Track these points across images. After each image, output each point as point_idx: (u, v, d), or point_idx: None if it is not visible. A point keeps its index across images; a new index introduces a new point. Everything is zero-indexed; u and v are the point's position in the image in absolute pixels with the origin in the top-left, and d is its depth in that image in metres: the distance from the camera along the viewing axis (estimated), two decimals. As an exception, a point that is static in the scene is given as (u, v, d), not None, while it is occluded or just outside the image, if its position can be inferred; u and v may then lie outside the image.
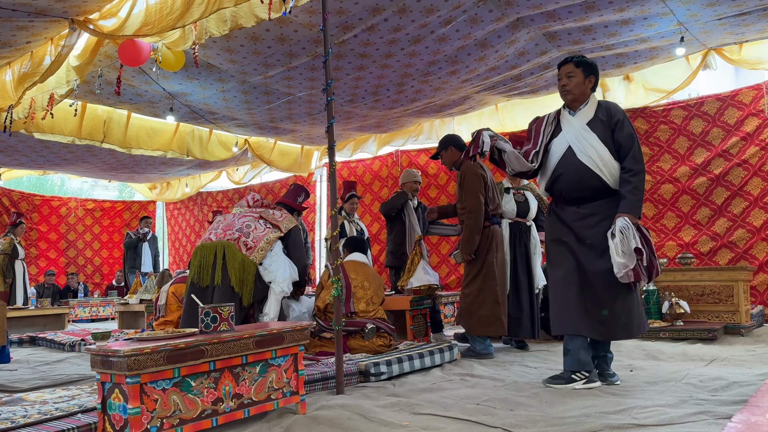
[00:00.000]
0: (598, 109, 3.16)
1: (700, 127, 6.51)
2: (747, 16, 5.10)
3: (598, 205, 3.10)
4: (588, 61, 3.22)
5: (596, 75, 3.23)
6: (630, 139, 3.06)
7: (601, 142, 3.07)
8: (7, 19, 4.58)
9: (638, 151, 3.06)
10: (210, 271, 3.80)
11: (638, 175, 3.02)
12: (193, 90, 6.33)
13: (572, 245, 3.13)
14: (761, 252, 6.07)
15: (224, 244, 3.85)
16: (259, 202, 4.33)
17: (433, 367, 3.90)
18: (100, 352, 2.28)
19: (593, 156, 3.07)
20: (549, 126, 3.29)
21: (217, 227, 4.05)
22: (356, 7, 4.56)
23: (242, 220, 4.04)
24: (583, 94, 3.20)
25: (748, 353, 4.08)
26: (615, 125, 3.09)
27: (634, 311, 3.10)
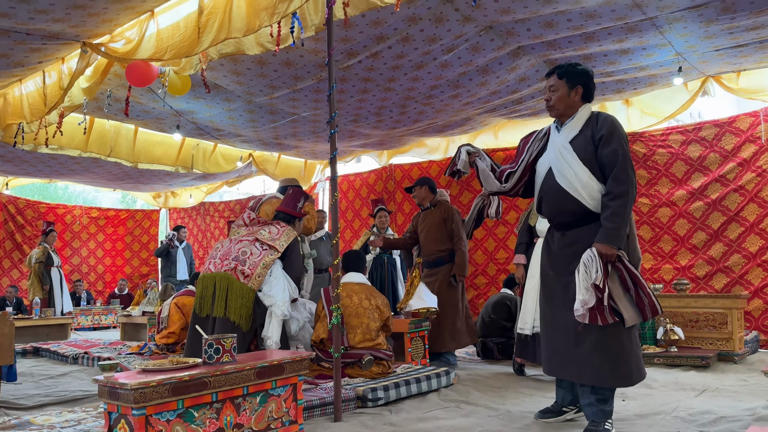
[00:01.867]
0: (587, 123, 2.80)
1: (698, 152, 6.61)
2: (744, 48, 5.20)
3: (582, 231, 2.75)
4: (574, 69, 2.89)
5: (585, 84, 2.87)
6: (613, 157, 2.67)
7: (581, 162, 2.74)
8: (21, 42, 4.70)
9: (622, 171, 2.65)
10: (210, 302, 3.86)
11: (618, 199, 2.63)
12: (200, 108, 6.44)
13: (554, 277, 2.87)
14: (756, 278, 6.14)
15: (222, 276, 3.88)
16: (255, 219, 4.28)
17: (430, 392, 3.98)
18: (108, 383, 2.37)
19: (570, 177, 2.74)
20: (536, 143, 2.98)
21: (215, 255, 4.08)
22: (361, 36, 4.67)
23: (238, 247, 4.04)
24: (569, 108, 2.85)
25: (740, 383, 4.16)
26: (599, 141, 2.72)
27: (610, 354, 2.67)
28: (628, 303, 2.65)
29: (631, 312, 2.65)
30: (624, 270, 2.64)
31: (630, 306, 2.66)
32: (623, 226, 2.64)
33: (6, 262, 10.52)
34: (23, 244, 10.70)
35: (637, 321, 2.69)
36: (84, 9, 4.19)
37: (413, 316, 4.85)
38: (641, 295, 2.65)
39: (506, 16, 4.48)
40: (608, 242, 2.61)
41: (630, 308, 2.65)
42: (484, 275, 8.17)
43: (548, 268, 2.91)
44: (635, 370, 2.71)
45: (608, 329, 2.65)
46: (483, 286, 8.18)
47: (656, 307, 2.70)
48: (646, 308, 2.67)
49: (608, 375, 2.67)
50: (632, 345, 2.73)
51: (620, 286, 2.65)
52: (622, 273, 2.64)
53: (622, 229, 2.64)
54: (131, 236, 12.23)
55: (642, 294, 2.65)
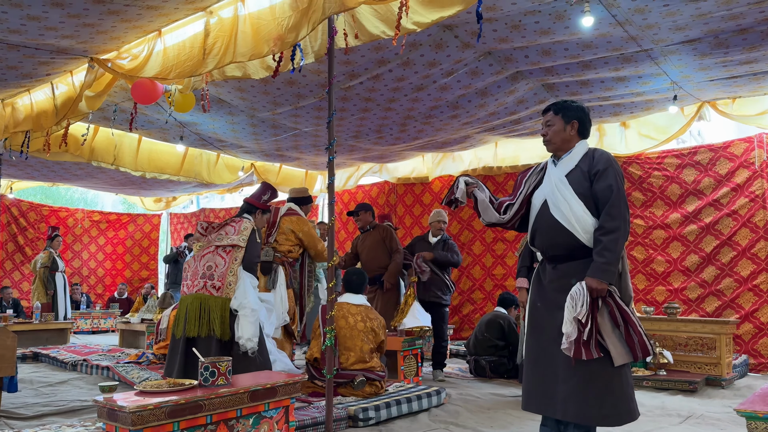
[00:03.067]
0: (583, 158, 2.85)
1: (693, 176, 6.70)
2: (738, 79, 5.31)
3: (574, 265, 2.75)
4: (569, 105, 2.93)
5: (581, 119, 2.91)
6: (607, 192, 2.70)
7: (576, 195, 2.76)
8: (30, 56, 4.82)
9: (615, 207, 2.67)
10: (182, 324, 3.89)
11: (610, 234, 2.63)
12: (204, 121, 6.56)
13: (544, 310, 2.86)
14: (747, 302, 6.23)
15: (194, 297, 3.93)
16: (210, 227, 4.28)
17: (421, 412, 4.07)
18: (107, 405, 2.46)
19: (565, 211, 2.76)
20: (534, 176, 3.02)
21: (186, 276, 4.11)
22: (363, 59, 4.78)
23: (203, 262, 4.06)
24: (566, 142, 2.90)
25: (724, 410, 4.24)
26: (594, 176, 2.76)
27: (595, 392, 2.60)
28: (616, 340, 2.61)
29: (619, 349, 2.61)
30: (614, 306, 2.63)
31: (618, 343, 2.61)
32: (614, 261, 2.63)
33: (8, 264, 10.63)
34: (25, 246, 10.80)
35: (627, 360, 2.62)
36: (93, 27, 4.30)
37: (407, 335, 4.94)
38: (631, 333, 2.62)
39: (505, 44, 4.59)
40: (598, 277, 2.60)
41: (618, 345, 2.61)
42: (481, 290, 8.27)
43: (537, 301, 2.91)
44: (624, 411, 2.62)
45: (595, 366, 2.61)
46: (480, 301, 8.27)
47: (647, 346, 2.63)
48: (636, 347, 2.61)
49: (593, 413, 2.60)
50: (621, 384, 2.64)
51: (609, 322, 2.63)
52: (612, 309, 2.63)
53: (613, 265, 2.62)
54: (132, 240, 12.32)
55: (632, 332, 2.61)
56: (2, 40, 4.45)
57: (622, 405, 2.61)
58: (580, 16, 3.89)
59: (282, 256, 4.98)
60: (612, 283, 2.63)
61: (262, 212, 4.50)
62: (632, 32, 4.28)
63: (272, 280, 4.80)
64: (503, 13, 4.06)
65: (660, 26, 4.17)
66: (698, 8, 3.89)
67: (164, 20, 4.39)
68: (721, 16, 4.00)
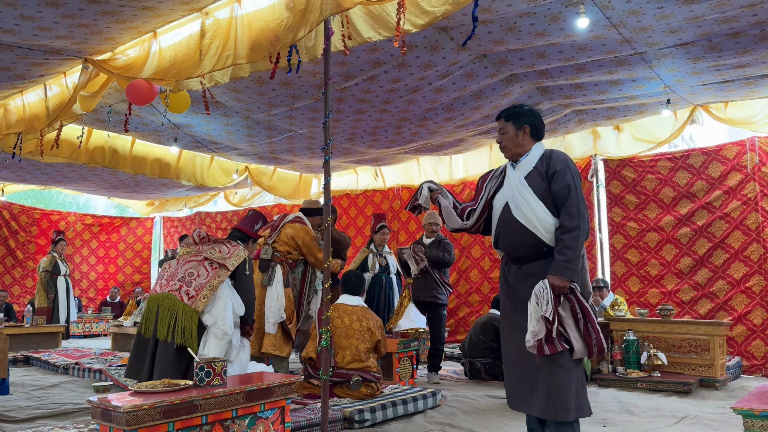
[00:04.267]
0: (540, 160, 2.89)
1: (686, 179, 6.74)
2: (730, 84, 5.35)
3: (539, 265, 2.80)
4: (519, 110, 2.98)
5: (532, 123, 2.94)
6: (565, 192, 2.75)
7: (536, 196, 2.80)
8: (24, 57, 4.79)
9: (574, 205, 2.73)
10: (152, 324, 3.75)
11: (570, 233, 2.69)
12: (198, 122, 6.54)
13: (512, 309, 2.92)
14: (740, 304, 6.26)
15: (165, 296, 3.78)
16: (206, 238, 4.17)
17: (416, 414, 4.06)
18: (101, 405, 2.44)
19: (527, 212, 2.81)
20: (494, 180, 3.06)
21: (162, 275, 4.00)
22: (358, 61, 4.78)
23: (185, 267, 3.93)
24: (520, 147, 2.93)
25: (718, 411, 4.26)
26: (551, 177, 2.81)
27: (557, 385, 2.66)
28: (576, 334, 2.67)
29: (579, 344, 2.67)
30: (576, 302, 2.68)
31: (579, 338, 2.67)
32: (575, 258, 2.68)
33: (-1, 267, 10.54)
34: (16, 249, 10.71)
35: (584, 355, 2.69)
36: (87, 27, 4.28)
37: (402, 337, 4.93)
38: (590, 330, 2.67)
39: (500, 46, 4.61)
40: (560, 274, 2.65)
41: (579, 340, 2.67)
42: (478, 293, 8.27)
43: (506, 300, 2.98)
44: (575, 407, 2.65)
45: (556, 358, 2.66)
46: (476, 304, 8.27)
47: (603, 344, 2.70)
48: (593, 344, 2.67)
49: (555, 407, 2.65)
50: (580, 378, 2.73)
51: (571, 317, 2.68)
52: (574, 305, 2.68)
53: (574, 262, 2.67)
54: (124, 243, 12.25)
55: (591, 329, 2.67)
56: (-5, 40, 4.42)
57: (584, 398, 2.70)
58: (575, 17, 3.91)
59: (281, 256, 5.03)
60: (574, 280, 2.68)
61: (253, 241, 4.45)
62: (626, 35, 4.31)
63: (269, 277, 4.84)
64: (499, 15, 4.08)
65: (654, 29, 4.20)
66: (692, 11, 3.92)
67: (159, 21, 4.38)
68: (714, 19, 4.03)
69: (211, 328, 3.75)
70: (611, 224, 7.22)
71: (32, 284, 10.85)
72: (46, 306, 8.56)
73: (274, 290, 4.79)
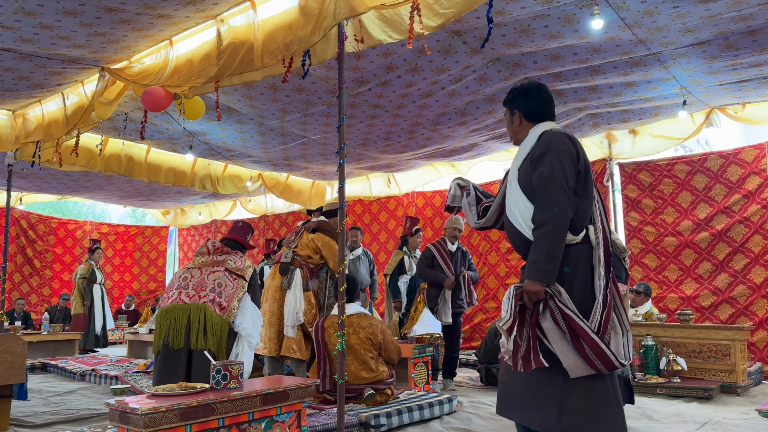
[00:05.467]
0: (535, 145, 2.52)
1: (703, 183, 6.66)
2: (748, 83, 5.28)
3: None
4: (510, 95, 2.69)
5: (523, 106, 2.62)
6: (539, 181, 2.40)
7: (521, 189, 2.50)
8: (42, 66, 4.86)
9: (546, 196, 2.36)
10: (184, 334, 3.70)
11: (539, 229, 2.35)
12: (213, 129, 6.58)
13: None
14: (761, 309, 6.15)
15: (201, 308, 3.75)
16: (220, 249, 4.17)
17: (432, 419, 4.02)
18: (119, 407, 2.44)
19: (512, 206, 2.53)
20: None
21: (186, 285, 3.91)
22: (371, 65, 4.79)
23: (212, 277, 3.92)
24: (518, 133, 2.65)
25: (741, 417, 4.17)
26: (533, 163, 2.46)
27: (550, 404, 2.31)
28: (567, 348, 2.28)
29: (572, 359, 2.27)
30: (555, 310, 2.29)
31: (571, 353, 2.27)
32: (547, 258, 2.30)
33: (17, 276, 10.66)
34: (34, 258, 10.84)
35: (585, 372, 2.26)
36: (104, 36, 4.34)
37: (417, 342, 4.89)
38: (580, 342, 2.25)
39: (513, 49, 4.59)
40: (531, 278, 2.31)
41: (571, 355, 2.27)
42: (495, 300, 8.22)
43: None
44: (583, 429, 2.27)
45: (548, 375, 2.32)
46: (492, 310, 8.22)
47: (607, 356, 2.24)
48: (590, 357, 2.25)
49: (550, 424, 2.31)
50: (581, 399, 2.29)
51: (555, 329, 2.29)
52: (553, 313, 2.29)
53: (545, 263, 2.30)
54: (140, 252, 12.35)
55: (581, 340, 2.25)
56: (14, 49, 4.49)
57: (582, 422, 2.28)
58: (590, 19, 3.89)
59: (301, 260, 5.07)
60: (550, 283, 2.30)
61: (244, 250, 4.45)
62: (641, 35, 4.28)
63: (288, 280, 4.89)
64: (512, 17, 4.07)
65: (669, 28, 4.16)
66: (708, 9, 3.89)
67: (175, 29, 4.43)
68: (730, 17, 3.99)
69: (247, 338, 3.80)
70: (628, 229, 7.14)
71: (49, 293, 10.97)
72: (82, 313, 8.70)
73: (292, 294, 4.83)
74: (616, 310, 2.38)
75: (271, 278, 5.11)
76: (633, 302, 6.34)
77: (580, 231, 2.43)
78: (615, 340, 2.33)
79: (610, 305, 2.34)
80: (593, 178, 2.56)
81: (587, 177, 2.47)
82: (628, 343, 2.38)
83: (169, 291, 3.97)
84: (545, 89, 2.64)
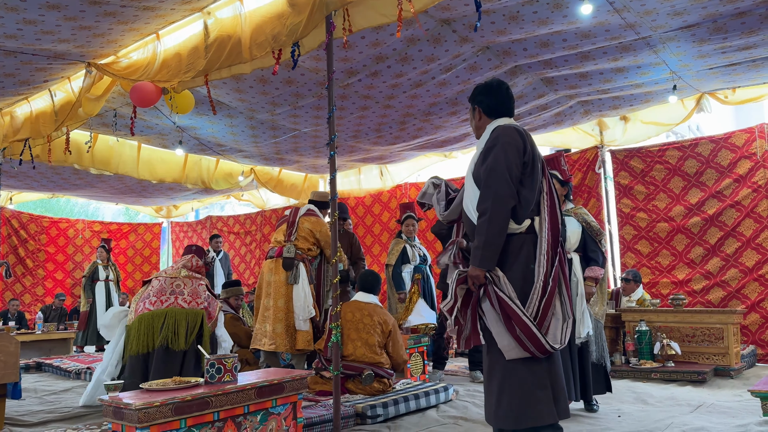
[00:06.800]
0: (487, 140, 2.65)
1: (695, 168, 6.68)
2: (737, 67, 5.29)
3: None
4: (472, 93, 2.84)
5: (481, 102, 2.77)
6: (484, 174, 2.53)
7: (473, 181, 2.62)
8: (28, 62, 4.80)
9: (486, 186, 2.49)
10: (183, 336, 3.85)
11: (480, 218, 2.49)
12: (203, 124, 6.54)
13: None
14: (753, 292, 6.19)
15: (200, 313, 3.98)
16: (198, 269, 4.41)
17: (429, 408, 4.02)
18: (113, 403, 2.43)
19: (465, 197, 2.67)
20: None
21: (181, 291, 4.09)
22: (361, 56, 4.76)
23: (201, 289, 4.18)
24: (479, 129, 2.78)
25: (735, 399, 4.20)
26: (483, 156, 2.59)
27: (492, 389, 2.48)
28: (501, 330, 2.41)
29: (505, 341, 2.40)
30: (492, 294, 2.42)
31: (504, 334, 2.40)
32: (485, 245, 2.44)
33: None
34: (26, 258, 10.76)
35: (519, 355, 2.39)
36: (89, 30, 4.29)
37: (412, 332, 4.90)
38: (513, 325, 2.37)
39: (503, 36, 4.57)
40: (472, 263, 2.48)
41: (505, 336, 2.40)
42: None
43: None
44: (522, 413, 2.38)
45: (493, 359, 2.48)
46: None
47: (538, 339, 2.35)
48: (521, 340, 2.36)
49: (491, 412, 2.49)
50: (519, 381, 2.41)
51: (492, 311, 2.44)
52: (490, 297, 2.43)
53: (483, 249, 2.44)
54: (133, 249, 12.28)
55: (514, 324, 2.37)
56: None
57: (520, 405, 2.39)
58: (579, 3, 3.88)
59: (302, 253, 5.07)
60: (490, 269, 2.45)
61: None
62: (630, 19, 4.27)
63: (294, 276, 4.91)
64: (501, 4, 4.05)
65: (658, 12, 4.15)
66: (696, -7, 3.88)
67: (161, 22, 4.38)
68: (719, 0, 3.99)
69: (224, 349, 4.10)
70: (620, 215, 7.16)
71: (43, 292, 10.90)
72: (84, 310, 8.70)
73: (300, 288, 4.86)
74: (560, 298, 2.49)
75: (271, 273, 5.03)
76: (624, 290, 6.38)
77: (523, 220, 2.53)
78: (554, 326, 2.44)
79: (552, 292, 2.45)
80: (542, 170, 2.67)
81: (534, 169, 2.58)
82: (567, 330, 2.48)
83: (161, 295, 4.04)
84: (505, 87, 2.79)
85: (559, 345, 2.42)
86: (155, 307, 3.92)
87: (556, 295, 2.48)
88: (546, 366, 2.44)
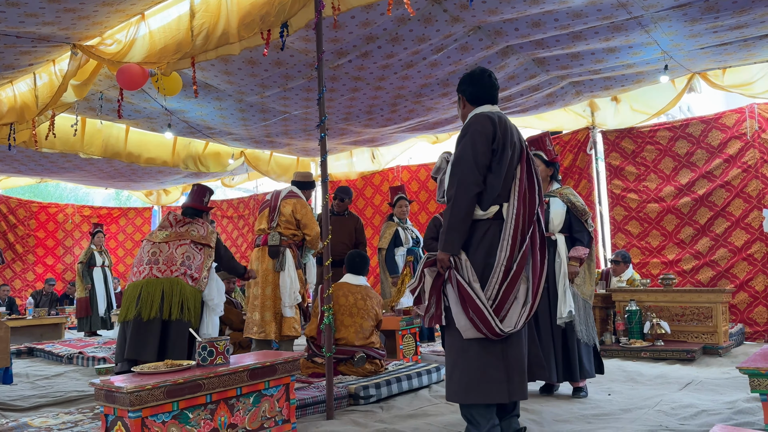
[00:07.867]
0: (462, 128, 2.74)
1: (685, 149, 6.70)
2: (728, 46, 5.28)
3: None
4: (460, 81, 2.87)
5: (464, 90, 2.82)
6: (453, 161, 2.63)
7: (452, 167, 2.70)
8: (11, 45, 4.71)
9: (453, 174, 2.59)
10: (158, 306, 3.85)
11: (448, 203, 2.60)
12: (191, 107, 6.47)
13: None
14: (742, 271, 6.25)
15: (174, 281, 3.94)
16: (181, 221, 4.35)
17: (421, 389, 4.05)
18: (105, 386, 2.42)
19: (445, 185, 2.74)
20: None
21: (156, 260, 4.07)
22: (351, 36, 4.71)
23: (180, 251, 4.11)
24: (464, 116, 2.83)
25: (723, 376, 4.26)
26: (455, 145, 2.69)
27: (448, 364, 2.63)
28: (459, 311, 2.51)
29: (462, 321, 2.50)
30: (453, 277, 2.53)
31: (461, 315, 2.50)
32: (449, 230, 2.53)
33: (-2, 261, 10.51)
34: (16, 243, 10.68)
35: (474, 335, 2.49)
36: (74, 12, 4.21)
37: (404, 314, 4.92)
38: (467, 307, 2.48)
39: (494, 16, 4.53)
40: (439, 247, 2.59)
41: (461, 317, 2.50)
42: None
43: None
44: (472, 389, 2.47)
45: (451, 338, 2.59)
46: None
47: (489, 323, 2.44)
48: (475, 321, 2.47)
49: (448, 387, 2.60)
50: (472, 359, 2.51)
51: (453, 293, 2.54)
52: (452, 280, 2.54)
53: (449, 234, 2.53)
54: (123, 234, 12.22)
55: (468, 306, 2.48)
56: (-19, 28, 4.35)
57: (470, 382, 2.49)
58: (570, -17, 3.83)
59: (288, 239, 5.03)
60: (454, 254, 2.54)
61: (206, 214, 4.62)
62: (622, -1, 4.24)
63: (280, 263, 4.89)
64: (492, -17, 4.00)
65: (650, -9, 4.13)
66: (688, -28, 3.85)
67: (147, 2, 4.30)
68: (711, -20, 3.96)
69: (210, 304, 4.07)
70: (611, 196, 7.19)
71: (33, 278, 10.85)
72: (84, 297, 8.64)
73: (286, 275, 4.86)
74: (526, 282, 2.55)
75: (258, 262, 5.03)
76: (614, 272, 6.43)
77: (488, 206, 2.58)
78: (514, 310, 2.52)
79: (515, 277, 2.52)
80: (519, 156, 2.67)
81: (503, 156, 2.59)
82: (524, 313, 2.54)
83: (138, 266, 4.10)
84: (488, 74, 2.80)
85: (512, 329, 2.50)
86: (136, 278, 4.03)
87: (522, 279, 2.54)
88: (501, 346, 2.53)
